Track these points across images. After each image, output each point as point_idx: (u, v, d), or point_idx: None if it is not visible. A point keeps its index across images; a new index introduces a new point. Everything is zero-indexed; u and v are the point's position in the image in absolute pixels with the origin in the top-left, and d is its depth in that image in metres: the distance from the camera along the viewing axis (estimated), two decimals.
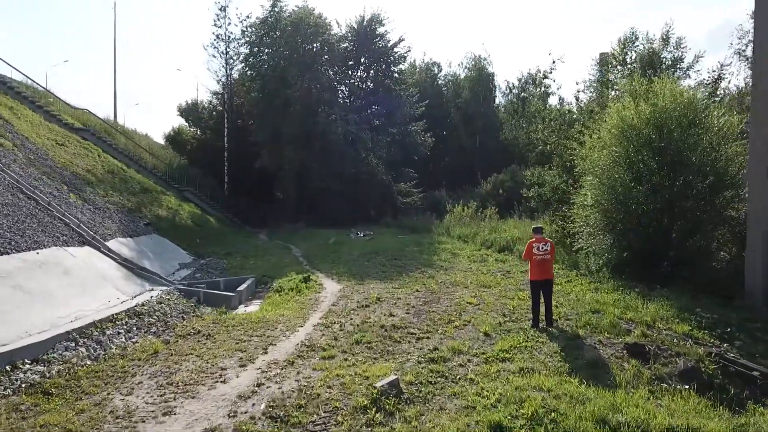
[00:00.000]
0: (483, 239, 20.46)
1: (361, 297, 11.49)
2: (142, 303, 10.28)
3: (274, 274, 14.98)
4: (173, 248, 17.77)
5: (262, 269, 16.19)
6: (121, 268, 12.14)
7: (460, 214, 26.87)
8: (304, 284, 12.62)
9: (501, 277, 14.19)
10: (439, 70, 54.92)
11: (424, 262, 16.99)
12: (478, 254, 18.30)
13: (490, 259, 17.40)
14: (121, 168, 23.47)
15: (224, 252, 19.87)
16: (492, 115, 51.08)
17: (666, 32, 39.50)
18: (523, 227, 20.94)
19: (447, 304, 10.72)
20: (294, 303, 11.22)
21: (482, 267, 15.99)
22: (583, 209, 13.04)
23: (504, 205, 31.32)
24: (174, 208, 23.50)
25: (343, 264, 16.86)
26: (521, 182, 35.02)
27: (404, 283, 13.34)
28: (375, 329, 8.79)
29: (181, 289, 12.06)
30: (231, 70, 35.96)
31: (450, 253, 18.77)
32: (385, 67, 35.12)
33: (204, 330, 9.34)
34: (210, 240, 22.08)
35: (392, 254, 18.62)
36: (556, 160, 18.17)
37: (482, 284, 12.96)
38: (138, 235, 16.44)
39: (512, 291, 12.08)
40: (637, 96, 12.91)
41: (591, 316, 8.92)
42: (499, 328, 8.75)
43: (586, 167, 13.06)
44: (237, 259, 18.62)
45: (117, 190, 19.86)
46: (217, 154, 36.98)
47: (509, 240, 19.02)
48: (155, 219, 20.03)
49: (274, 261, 17.94)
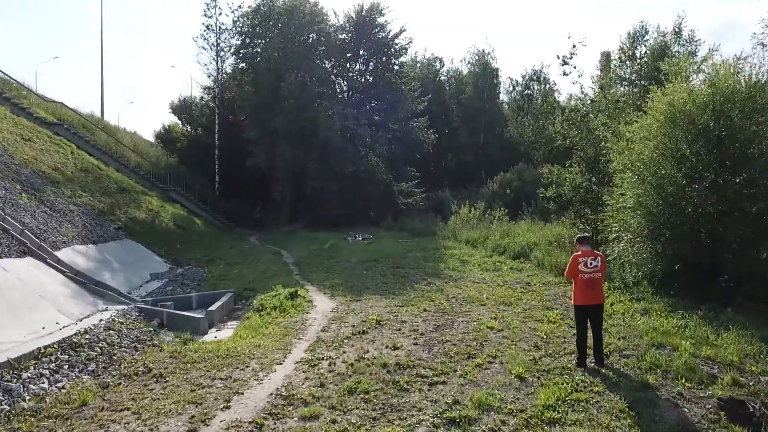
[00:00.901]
0: (494, 244, 18.46)
1: (358, 319, 9.48)
2: (85, 330, 8.26)
3: (258, 287, 12.96)
4: (146, 255, 15.75)
5: (246, 280, 14.17)
6: (69, 284, 10.12)
7: (467, 215, 24.84)
8: (290, 301, 10.60)
9: (521, 290, 12.21)
10: (441, 66, 52.90)
11: (430, 271, 15.00)
12: (490, 262, 16.30)
13: (504, 268, 15.41)
14: (97, 166, 21.46)
15: (207, 258, 17.86)
16: (497, 112, 49.04)
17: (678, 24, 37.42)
18: (538, 231, 18.94)
19: (463, 330, 8.71)
20: (276, 327, 9.19)
21: (497, 277, 13.99)
22: (622, 212, 11.02)
23: (512, 206, 29.39)
24: (155, 209, 21.49)
25: (338, 274, 14.85)
26: (529, 181, 33.12)
27: (409, 298, 11.33)
28: (374, 370, 6.77)
29: (143, 309, 10.05)
30: (222, 63, 33.97)
31: (458, 261, 16.77)
32: (385, 60, 33.10)
33: (156, 368, 7.32)
34: (193, 245, 20.07)
35: (394, 261, 16.63)
36: (577, 155, 16.14)
37: (501, 300, 10.96)
38: (105, 240, 14.43)
39: (538, 310, 10.09)
40: (683, 77, 10.90)
41: (655, 352, 6.89)
42: (535, 368, 6.74)
43: (624, 163, 11.03)
44: (220, 267, 16.60)
45: (88, 190, 17.84)
46: (208, 153, 35.00)
47: (524, 245, 17.02)
48: (130, 222, 18.01)
49: (261, 269, 15.92)
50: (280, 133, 28.30)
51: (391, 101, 31.96)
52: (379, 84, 32.06)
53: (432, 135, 33.84)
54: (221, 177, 34.17)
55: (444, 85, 51.89)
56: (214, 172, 34.15)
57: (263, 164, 29.62)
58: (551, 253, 15.54)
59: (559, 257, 14.91)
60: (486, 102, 47.52)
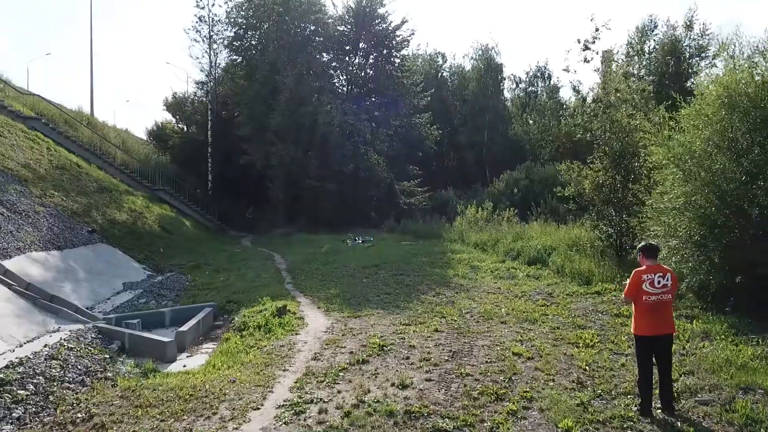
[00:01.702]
0: (506, 248, 16.90)
1: (357, 342, 7.91)
2: (20, 360, 6.69)
3: (243, 299, 11.39)
4: (122, 262, 14.19)
5: (231, 290, 12.60)
6: (15, 299, 8.55)
7: (474, 216, 23.28)
8: (278, 319, 9.02)
9: (543, 303, 10.69)
10: (444, 61, 51.35)
11: (438, 279, 13.45)
12: (504, 268, 14.75)
13: (519, 275, 13.88)
14: (76, 164, 19.89)
15: (192, 264, 16.29)
16: (501, 108, 47.47)
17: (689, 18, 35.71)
18: (554, 233, 17.39)
19: (485, 357, 7.15)
20: (257, 354, 7.62)
21: (513, 287, 12.45)
22: (665, 214, 9.45)
23: (519, 206, 27.86)
24: (139, 210, 19.92)
25: (335, 282, 13.29)
26: (537, 180, 31.56)
27: (416, 314, 9.78)
28: (378, 421, 5.19)
29: (102, 329, 8.49)
30: (216, 56, 32.36)
31: (468, 266, 15.23)
32: (386, 53, 31.47)
33: (101, 413, 5.75)
34: (179, 248, 18.50)
35: (397, 267, 15.07)
36: (600, 150, 14.53)
37: (523, 316, 9.42)
38: (74, 245, 12.87)
39: (569, 329, 8.56)
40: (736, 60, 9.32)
41: (745, 399, 5.31)
42: (585, 417, 5.17)
43: (667, 156, 9.43)
44: (205, 274, 15.04)
45: (61, 190, 16.28)
46: (201, 151, 33.42)
47: (540, 249, 15.47)
48: (107, 224, 16.45)
49: (249, 277, 14.35)
50: (275, 130, 26.73)
51: (393, 96, 30.37)
52: (380, 78, 30.43)
53: (435, 131, 32.23)
54: (214, 176, 32.58)
55: (446, 81, 50.32)
56: (207, 171, 32.57)
57: (258, 162, 28.02)
58: (572, 258, 14.01)
59: (581, 263, 13.39)
60: (490, 98, 45.94)
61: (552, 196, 27.99)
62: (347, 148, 27.07)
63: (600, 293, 11.39)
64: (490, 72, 46.77)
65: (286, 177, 26.60)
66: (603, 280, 12.26)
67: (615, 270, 12.78)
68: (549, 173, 31.51)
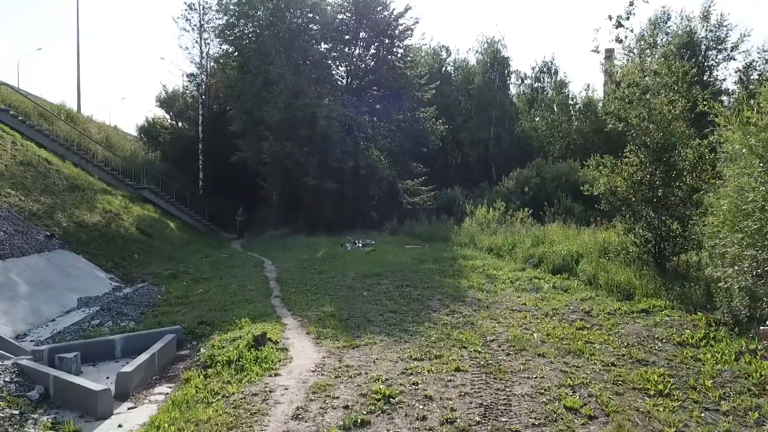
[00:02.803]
0: (525, 254, 14.96)
1: (354, 391, 5.94)
2: None
3: (219, 319, 9.44)
4: (84, 272, 12.25)
5: (207, 306, 10.64)
6: None
7: (485, 217, 21.33)
8: (254, 352, 7.06)
9: (581, 323, 8.79)
10: (448, 55, 49.39)
11: (450, 291, 11.51)
12: (525, 278, 12.82)
13: (545, 286, 11.96)
14: (46, 159, 17.95)
15: (169, 273, 14.35)
16: (508, 104, 45.45)
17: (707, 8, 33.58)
18: (578, 237, 15.46)
19: (530, 416, 5.20)
20: (221, 407, 5.66)
21: (541, 302, 10.51)
22: (741, 217, 7.47)
23: (531, 205, 25.94)
24: (115, 211, 17.97)
25: (330, 296, 11.34)
26: (549, 178, 29.63)
27: (430, 342, 7.83)
28: None
29: (26, 367, 6.54)
30: (207, 47, 30.42)
31: (484, 276, 13.28)
32: (388, 42, 29.42)
33: None
34: (158, 254, 16.57)
35: (402, 276, 13.12)
36: (639, 141, 12.53)
37: (564, 345, 7.49)
38: (23, 253, 10.93)
39: (627, 364, 6.67)
40: None
41: None
42: None
43: (747, 144, 7.45)
44: (182, 285, 13.10)
45: (21, 188, 14.36)
46: (192, 147, 31.51)
47: (566, 256, 13.51)
48: (74, 227, 14.50)
49: (232, 289, 12.40)
50: (269, 124, 24.75)
51: (396, 88, 28.36)
52: (382, 69, 28.39)
53: (441, 126, 30.20)
54: (206, 174, 30.67)
55: (450, 76, 48.40)
56: (197, 169, 30.65)
57: (250, 159, 26.06)
58: (605, 267, 12.08)
59: (618, 274, 11.46)
60: (496, 93, 43.96)
61: (566, 195, 26.16)
62: (347, 144, 25.08)
63: (648, 312, 9.45)
64: (496, 66, 44.78)
65: (280, 175, 24.62)
66: (647, 295, 10.33)
67: (658, 282, 10.87)
68: (562, 170, 29.64)
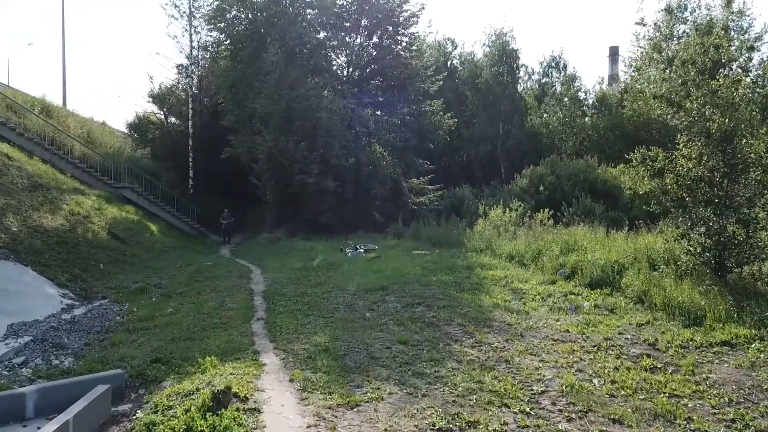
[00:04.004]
0: (554, 263, 12.80)
1: None
2: None
3: (180, 354, 7.32)
4: (29, 287, 10.14)
5: (171, 334, 8.49)
6: None
7: (500, 219, 19.18)
8: (211, 419, 4.94)
9: (650, 362, 6.76)
10: (454, 48, 47.24)
11: (472, 312, 9.37)
12: (558, 293, 10.69)
13: (584, 304, 9.87)
14: (6, 155, 15.87)
15: (138, 286, 12.24)
16: (518, 98, 43.22)
17: None
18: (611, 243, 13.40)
19: None
20: None
21: (589, 329, 8.36)
22: None
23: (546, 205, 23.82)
24: (84, 213, 15.89)
25: (324, 318, 9.21)
26: (565, 176, 27.52)
27: (456, 394, 5.71)
28: None
29: None
30: (197, 35, 28.29)
31: (509, 290, 11.16)
32: (392, 30, 27.30)
33: None
34: (130, 262, 14.47)
35: (412, 291, 10.98)
36: (700, 129, 10.35)
37: (643, 404, 5.36)
38: None
39: None
40: None
41: None
42: None
43: None
44: (150, 302, 10.98)
45: None
46: (183, 144, 29.44)
47: (606, 267, 11.36)
48: (28, 233, 12.41)
49: (209, 308, 10.27)
50: (262, 117, 22.66)
51: (400, 79, 26.22)
52: (386, 58, 26.23)
53: (450, 120, 28.03)
54: (197, 172, 28.57)
55: (456, 70, 46.26)
56: (187, 167, 28.56)
57: (243, 156, 23.95)
58: (658, 282, 9.97)
59: (678, 291, 9.37)
60: (505, 87, 41.78)
61: (586, 194, 24.04)
62: (347, 139, 22.96)
63: (732, 345, 7.36)
64: (505, 58, 42.59)
65: (274, 172, 22.51)
66: (720, 319, 8.22)
67: (728, 301, 8.80)
68: (579, 168, 27.51)
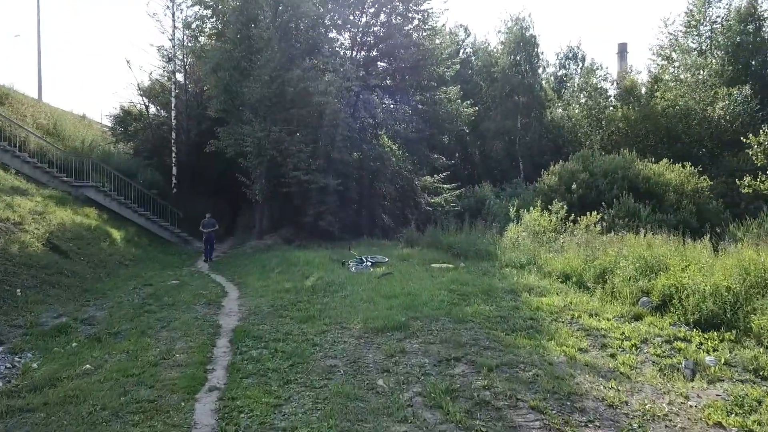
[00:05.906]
0: (631, 287, 9.37)
1: None
2: None
3: None
4: None
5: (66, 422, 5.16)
6: None
7: (538, 224, 15.75)
8: None
9: None
10: (467, 35, 43.84)
11: (542, 377, 5.89)
12: (654, 335, 7.31)
13: (704, 359, 6.51)
14: None
15: (58, 322, 8.87)
16: (537, 88, 39.74)
17: None
18: (695, 256, 9.98)
19: None
20: None
21: (746, 418, 4.89)
22: None
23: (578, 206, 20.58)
24: (17, 219, 12.56)
25: (313, 391, 5.77)
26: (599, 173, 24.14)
27: None
28: None
29: None
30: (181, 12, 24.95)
31: (581, 331, 7.72)
32: (402, 8, 23.89)
33: None
34: (68, 283, 11.10)
35: (442, 335, 7.51)
36: None
37: None
38: None
39: None
40: None
41: None
42: None
43: None
44: (67, 350, 7.62)
45: None
46: (165, 137, 26.18)
47: (714, 295, 7.98)
48: None
49: (143, 364, 6.87)
50: (251, 103, 19.31)
51: (412, 61, 22.79)
52: (395, 36, 22.78)
53: (470, 108, 24.53)
54: (181, 170, 25.23)
55: (470, 59, 42.88)
56: (170, 163, 25.26)
57: (230, 149, 20.57)
58: None
59: None
60: (524, 77, 38.33)
61: (627, 194, 20.77)
62: (350, 129, 19.56)
63: None
64: (523, 45, 39.13)
65: (265, 168, 19.14)
66: None
67: None
68: (616, 164, 24.05)
